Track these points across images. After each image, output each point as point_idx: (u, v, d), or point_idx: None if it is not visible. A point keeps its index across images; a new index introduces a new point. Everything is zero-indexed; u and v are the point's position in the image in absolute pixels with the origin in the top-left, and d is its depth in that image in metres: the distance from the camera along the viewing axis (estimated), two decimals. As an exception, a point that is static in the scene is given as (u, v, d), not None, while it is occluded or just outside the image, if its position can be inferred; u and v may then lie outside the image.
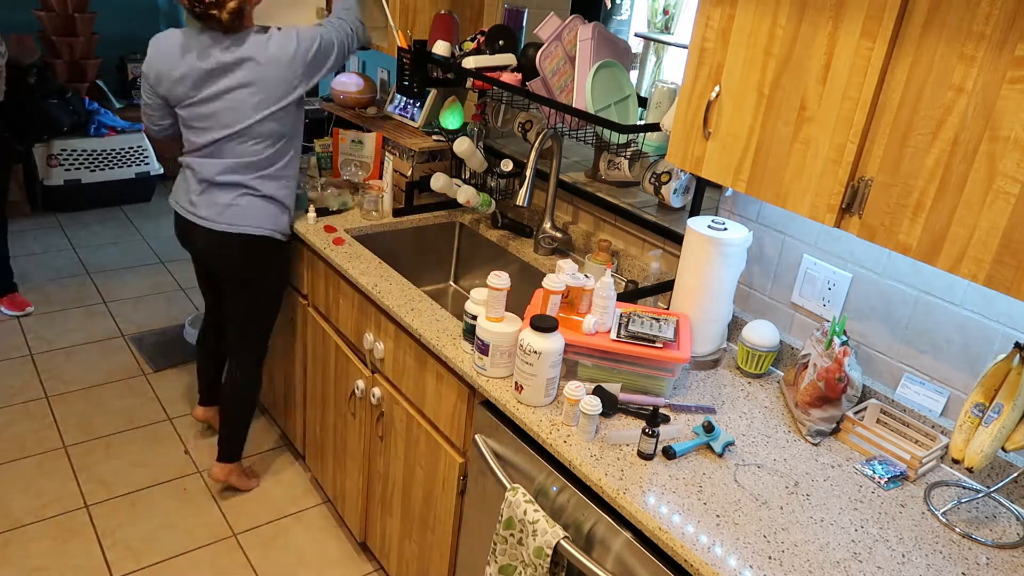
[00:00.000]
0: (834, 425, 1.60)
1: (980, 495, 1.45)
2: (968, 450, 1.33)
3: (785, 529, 1.32)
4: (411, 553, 2.12)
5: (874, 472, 1.49)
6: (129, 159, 4.84)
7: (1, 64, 3.26)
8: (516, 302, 2.29)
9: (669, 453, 1.47)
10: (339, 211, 2.48)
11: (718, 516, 1.34)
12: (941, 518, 1.40)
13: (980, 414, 1.33)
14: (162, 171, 5.02)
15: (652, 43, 2.12)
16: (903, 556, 1.30)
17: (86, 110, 4.65)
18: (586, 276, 1.75)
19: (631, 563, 1.38)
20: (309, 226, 2.36)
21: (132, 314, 3.77)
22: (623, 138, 1.90)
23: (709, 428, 1.50)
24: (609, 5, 2.16)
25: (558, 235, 2.29)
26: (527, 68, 2.08)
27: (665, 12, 2.06)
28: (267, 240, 2.27)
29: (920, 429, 1.56)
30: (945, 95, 1.15)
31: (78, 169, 4.65)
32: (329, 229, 2.34)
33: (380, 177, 2.64)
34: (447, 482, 1.88)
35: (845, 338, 1.60)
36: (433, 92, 2.71)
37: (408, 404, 2.00)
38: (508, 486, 1.56)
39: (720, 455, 1.49)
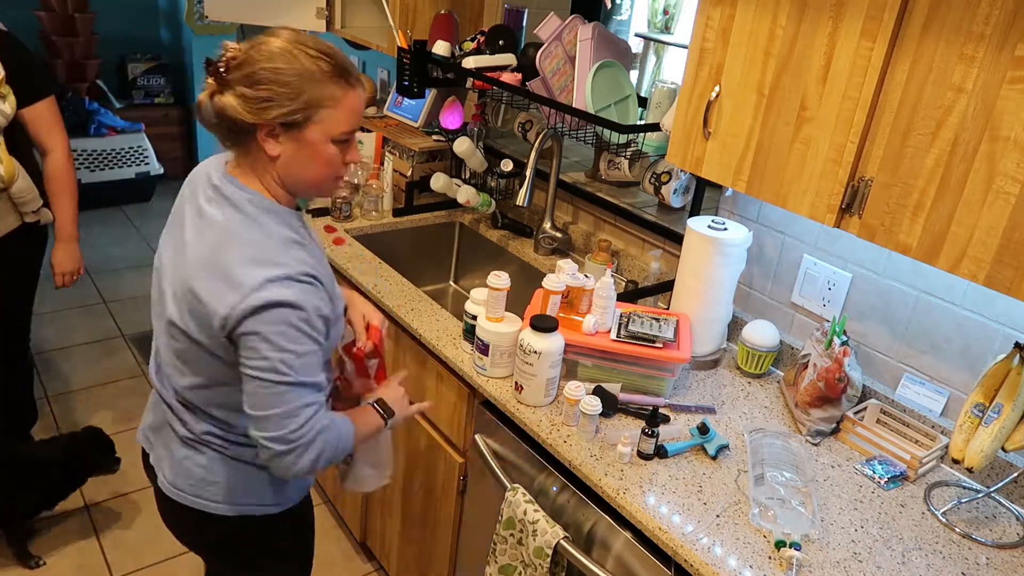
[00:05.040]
0: (834, 425, 1.60)
1: (980, 495, 1.45)
2: (968, 450, 1.33)
3: (785, 529, 1.32)
4: (411, 553, 2.12)
5: (874, 472, 1.49)
6: (129, 159, 4.84)
7: None
8: (516, 302, 2.29)
9: (661, 452, 1.47)
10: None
11: (718, 516, 1.34)
12: (941, 518, 1.39)
13: (980, 414, 1.33)
14: (162, 171, 5.02)
15: (652, 43, 2.12)
16: (903, 556, 1.30)
17: (86, 110, 4.64)
18: (586, 276, 1.75)
19: (631, 563, 1.38)
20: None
21: (132, 314, 3.77)
22: (623, 138, 1.90)
23: (704, 430, 1.49)
24: (609, 5, 2.16)
25: (558, 235, 2.28)
26: (527, 68, 2.07)
27: (665, 12, 2.06)
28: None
29: (920, 429, 1.56)
30: (945, 95, 1.15)
31: (78, 169, 4.64)
32: (329, 229, 2.34)
33: (379, 177, 2.64)
34: (447, 482, 1.88)
35: (845, 338, 1.60)
36: (433, 92, 2.71)
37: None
38: (508, 486, 1.56)
39: (713, 458, 1.49)
